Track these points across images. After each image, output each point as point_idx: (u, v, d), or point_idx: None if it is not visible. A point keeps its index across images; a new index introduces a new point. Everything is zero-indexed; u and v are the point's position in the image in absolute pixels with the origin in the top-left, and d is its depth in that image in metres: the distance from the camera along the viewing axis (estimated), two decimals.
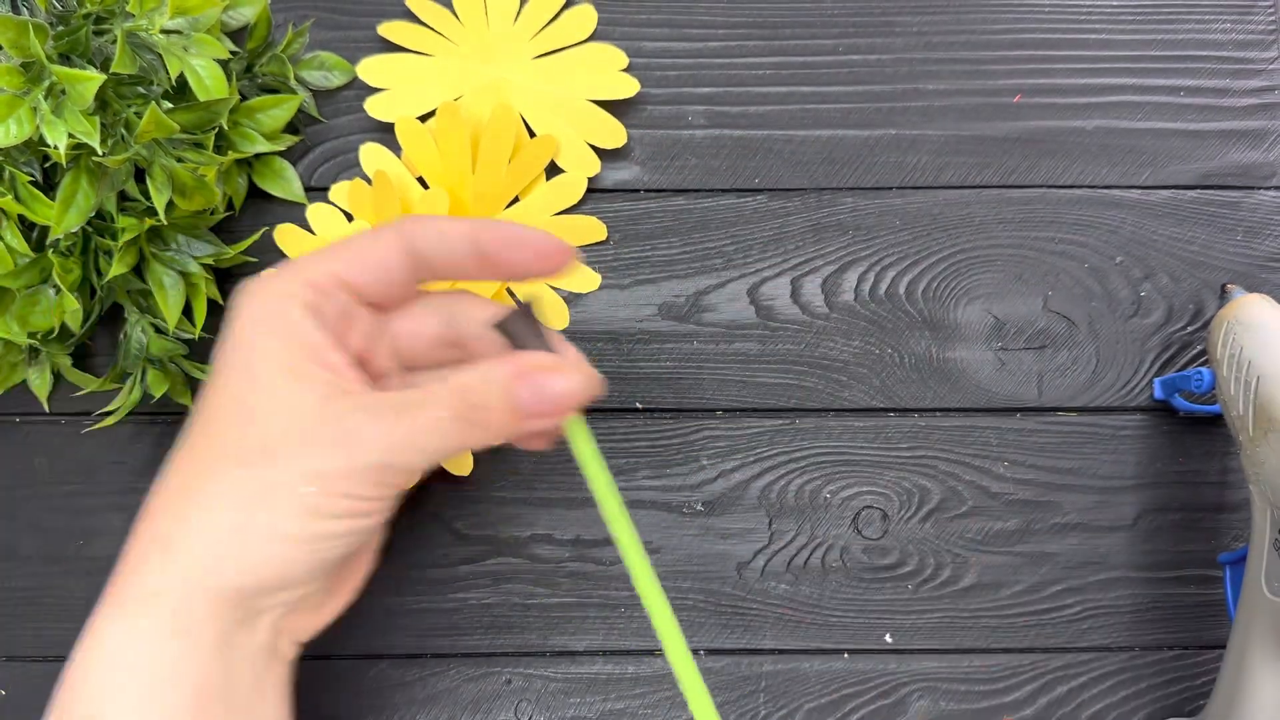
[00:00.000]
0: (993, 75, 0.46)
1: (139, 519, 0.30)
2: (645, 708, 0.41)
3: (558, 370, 0.30)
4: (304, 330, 0.29)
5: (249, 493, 0.28)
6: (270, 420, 0.28)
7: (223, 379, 0.30)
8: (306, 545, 0.29)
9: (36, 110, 0.35)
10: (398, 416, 0.29)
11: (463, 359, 0.33)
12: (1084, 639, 0.42)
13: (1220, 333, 0.39)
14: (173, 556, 0.28)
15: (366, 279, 0.31)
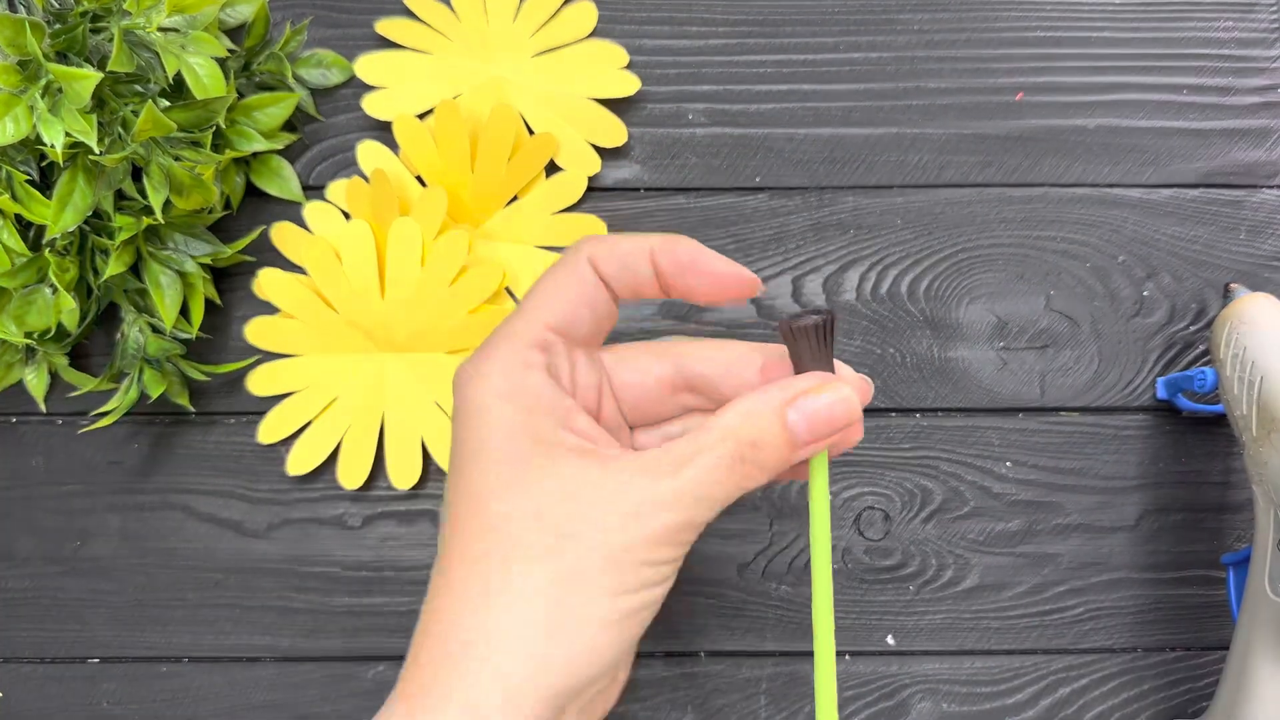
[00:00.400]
0: (995, 73, 0.46)
1: (426, 620, 0.28)
2: (645, 711, 0.41)
3: (827, 388, 0.28)
4: (550, 399, 0.28)
5: (555, 586, 0.26)
6: (555, 506, 0.27)
7: (479, 469, 0.27)
8: (617, 627, 0.27)
9: (33, 109, 0.35)
10: (677, 472, 0.27)
11: (697, 405, 0.32)
12: (1087, 640, 0.42)
13: (1223, 332, 0.39)
14: (487, 665, 0.26)
15: (578, 319, 0.29)
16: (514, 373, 0.28)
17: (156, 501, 0.43)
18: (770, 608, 0.42)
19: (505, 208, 0.44)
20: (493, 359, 0.28)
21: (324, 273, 0.42)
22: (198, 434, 0.43)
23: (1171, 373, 0.43)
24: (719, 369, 0.30)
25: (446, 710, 0.26)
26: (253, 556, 0.42)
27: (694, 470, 0.27)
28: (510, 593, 0.26)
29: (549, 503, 0.27)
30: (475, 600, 0.27)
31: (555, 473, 0.27)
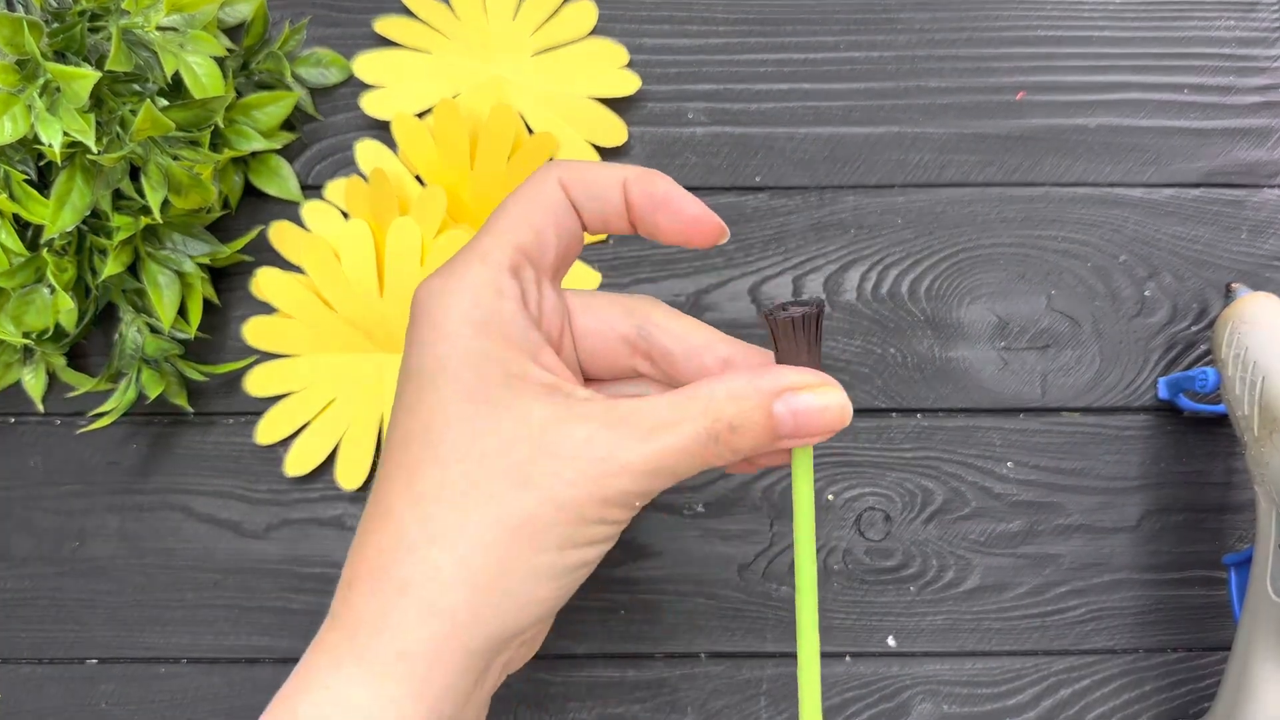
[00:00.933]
0: (995, 72, 0.46)
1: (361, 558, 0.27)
2: (645, 712, 0.41)
3: (823, 388, 0.27)
4: (521, 330, 0.26)
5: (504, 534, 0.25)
6: (513, 446, 0.25)
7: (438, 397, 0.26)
8: (558, 581, 0.26)
9: (31, 108, 0.35)
10: (649, 437, 0.26)
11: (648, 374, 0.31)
12: (1088, 641, 0.42)
13: (1225, 332, 0.38)
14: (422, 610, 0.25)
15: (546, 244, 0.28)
16: (485, 298, 0.26)
17: (155, 502, 0.43)
18: (770, 608, 0.42)
19: None
20: (464, 279, 0.26)
21: (323, 272, 0.42)
22: (196, 434, 0.43)
23: (1173, 373, 0.43)
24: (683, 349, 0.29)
25: (375, 651, 0.25)
26: (251, 557, 0.42)
27: (668, 439, 0.26)
28: (455, 536, 0.25)
29: (510, 443, 0.25)
30: (417, 539, 0.25)
31: (520, 411, 0.26)
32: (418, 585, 0.25)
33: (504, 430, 0.25)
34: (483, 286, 0.26)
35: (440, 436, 0.26)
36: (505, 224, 0.27)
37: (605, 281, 0.44)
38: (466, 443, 0.26)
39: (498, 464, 0.25)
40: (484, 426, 0.25)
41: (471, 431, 0.25)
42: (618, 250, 0.44)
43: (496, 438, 0.25)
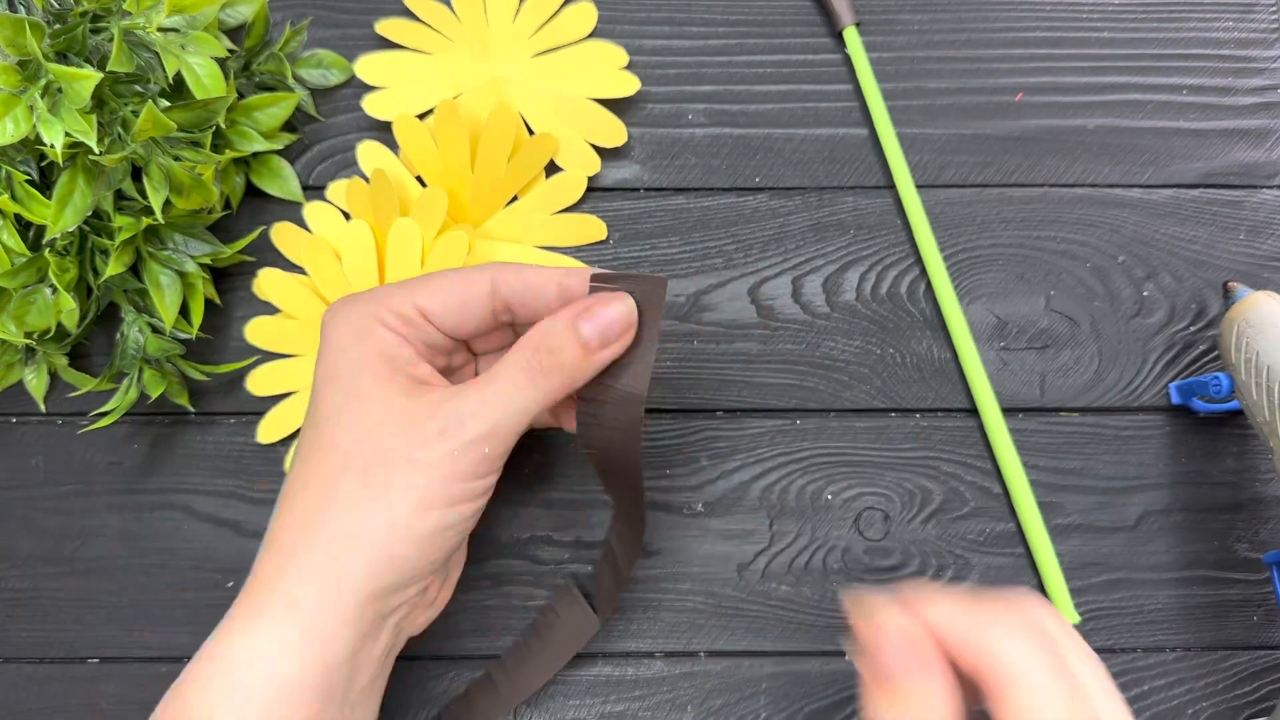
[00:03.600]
0: (994, 74, 0.46)
1: (268, 534, 0.31)
2: (645, 710, 0.41)
3: (612, 300, 0.32)
4: (392, 346, 0.32)
5: (369, 499, 0.30)
6: (376, 429, 0.30)
7: (325, 395, 0.32)
8: (428, 539, 0.31)
9: (33, 109, 0.35)
10: (485, 386, 0.31)
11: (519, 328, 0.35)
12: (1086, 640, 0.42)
13: (1231, 336, 0.38)
14: (307, 569, 0.30)
15: (449, 316, 0.33)
16: (367, 322, 0.32)
17: (156, 502, 0.43)
18: (770, 608, 0.42)
19: (505, 208, 0.44)
20: (358, 308, 0.32)
21: (324, 273, 0.42)
22: (197, 434, 0.43)
23: (1172, 372, 0.43)
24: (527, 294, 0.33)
25: (271, 604, 0.30)
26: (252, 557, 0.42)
27: (499, 382, 0.31)
28: (332, 507, 0.30)
29: (372, 426, 0.30)
30: (303, 516, 0.31)
31: (384, 403, 0.31)
32: (303, 551, 0.30)
33: (372, 419, 0.31)
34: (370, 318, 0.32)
35: (324, 428, 0.31)
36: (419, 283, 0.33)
37: None
38: (342, 431, 0.31)
39: (365, 445, 0.30)
40: (356, 418, 0.31)
41: (346, 422, 0.31)
42: (617, 251, 0.44)
43: (364, 426, 0.31)
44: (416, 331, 0.32)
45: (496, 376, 0.31)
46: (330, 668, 0.30)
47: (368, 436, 0.30)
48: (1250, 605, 0.42)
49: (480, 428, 0.31)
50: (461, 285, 0.33)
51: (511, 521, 0.42)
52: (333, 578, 0.30)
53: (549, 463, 0.43)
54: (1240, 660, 0.41)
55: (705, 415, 0.43)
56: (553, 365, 0.31)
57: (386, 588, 0.30)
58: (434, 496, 0.30)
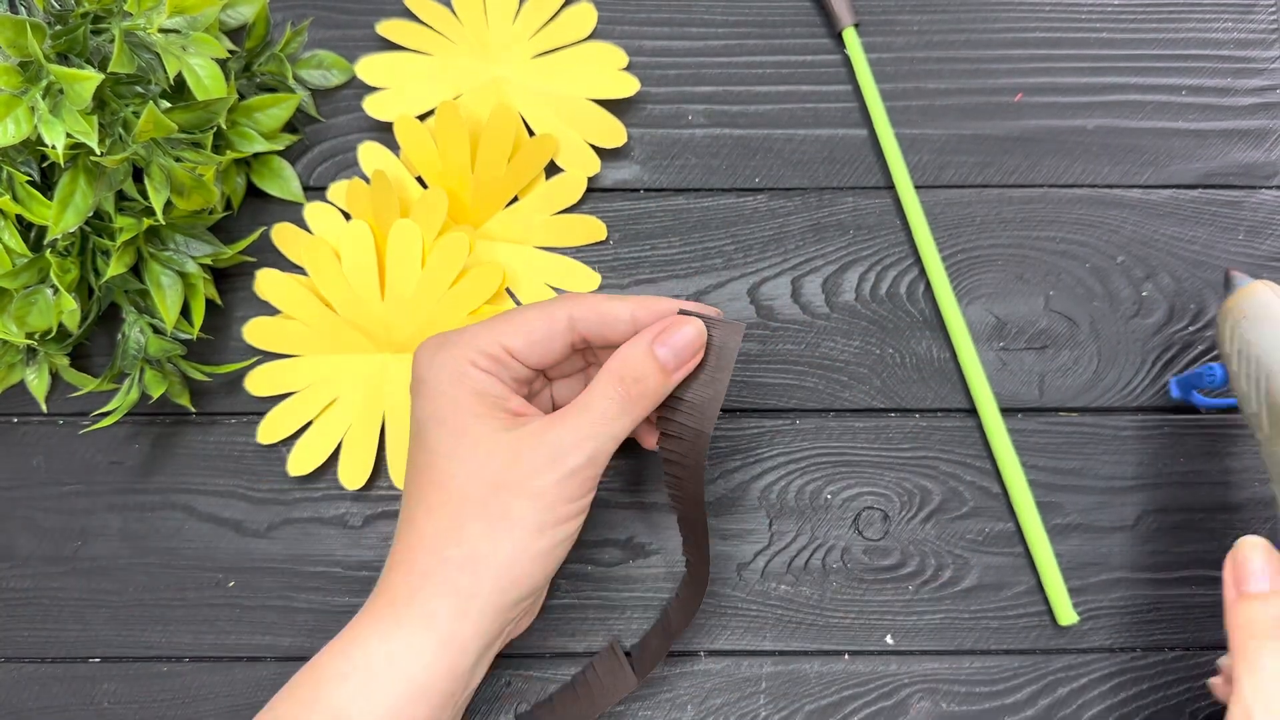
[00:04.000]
0: (994, 74, 0.46)
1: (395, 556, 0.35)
2: (645, 709, 0.41)
3: (679, 324, 0.35)
4: (485, 385, 0.35)
5: (492, 525, 0.33)
6: (488, 462, 0.34)
7: (434, 435, 0.35)
8: (545, 555, 0.34)
9: (34, 110, 0.35)
10: (580, 416, 0.34)
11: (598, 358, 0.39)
12: (1085, 640, 0.42)
13: (1226, 326, 0.38)
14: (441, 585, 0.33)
15: (532, 352, 0.35)
16: (462, 366, 0.35)
17: (157, 501, 0.43)
18: (769, 607, 0.42)
19: (505, 208, 0.44)
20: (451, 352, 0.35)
21: (324, 273, 0.43)
22: (198, 434, 0.43)
23: (1171, 372, 0.43)
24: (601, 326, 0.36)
25: (410, 617, 0.33)
26: (254, 556, 0.43)
27: (593, 412, 0.34)
28: (459, 533, 0.34)
29: (484, 459, 0.34)
30: (432, 541, 0.34)
31: (490, 438, 0.34)
32: (436, 571, 0.34)
33: (482, 453, 0.34)
34: (463, 361, 0.35)
35: (440, 466, 0.34)
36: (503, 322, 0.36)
37: (605, 282, 0.44)
38: (458, 465, 0.34)
39: (480, 478, 0.34)
40: (468, 453, 0.34)
41: (461, 457, 0.34)
42: (617, 251, 0.44)
43: (477, 460, 0.34)
44: (504, 368, 0.35)
45: (590, 407, 0.34)
46: (456, 675, 0.33)
47: (481, 469, 0.34)
48: None
49: (583, 456, 0.34)
50: (543, 322, 0.35)
51: None
52: (467, 595, 0.33)
53: None
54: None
55: None
56: (639, 393, 0.34)
57: (512, 601, 0.34)
58: (547, 518, 0.34)
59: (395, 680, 0.33)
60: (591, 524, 0.42)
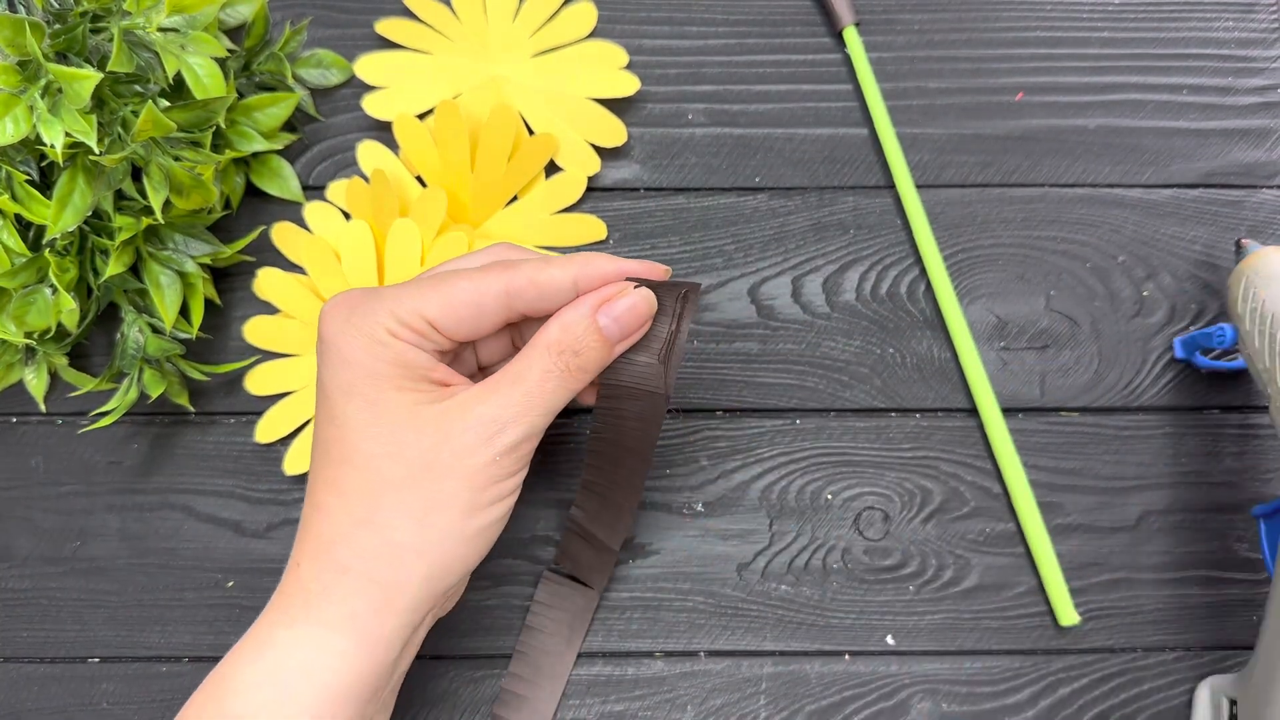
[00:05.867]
0: (995, 74, 0.46)
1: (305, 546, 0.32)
2: (645, 710, 0.41)
3: (625, 292, 0.32)
4: (407, 354, 0.31)
5: (416, 510, 0.31)
6: (412, 441, 0.31)
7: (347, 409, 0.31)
8: (474, 539, 0.32)
9: (33, 109, 0.35)
10: (514, 388, 0.31)
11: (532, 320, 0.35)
12: (1086, 640, 0.42)
13: (1239, 287, 0.39)
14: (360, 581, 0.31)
15: (460, 327, 0.32)
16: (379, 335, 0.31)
17: (156, 501, 0.43)
18: (770, 608, 0.42)
19: (505, 208, 0.44)
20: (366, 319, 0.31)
21: (323, 273, 0.42)
22: (197, 434, 0.43)
23: (1174, 373, 0.43)
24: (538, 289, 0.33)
25: (327, 614, 0.31)
26: (252, 556, 0.42)
27: (528, 384, 0.31)
28: (378, 521, 0.31)
29: (406, 439, 0.31)
30: (347, 529, 0.31)
31: (412, 413, 0.31)
32: (354, 562, 0.31)
33: (404, 432, 0.31)
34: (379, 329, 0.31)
35: (354, 445, 0.31)
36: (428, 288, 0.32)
37: None
38: (373, 444, 0.31)
39: (402, 458, 0.31)
40: (387, 432, 0.31)
41: (377, 436, 0.31)
42: (617, 251, 0.44)
43: (397, 439, 0.31)
44: (426, 340, 0.32)
45: (524, 378, 0.31)
46: (380, 672, 0.31)
47: (404, 449, 0.31)
48: (1250, 605, 0.42)
49: (518, 433, 0.31)
50: (471, 294, 0.32)
51: (512, 522, 0.42)
52: (390, 588, 0.31)
53: (550, 463, 0.43)
54: (1240, 660, 0.41)
55: (705, 415, 0.43)
56: (579, 366, 0.32)
57: (439, 590, 0.32)
58: (479, 499, 0.31)
59: (312, 688, 0.30)
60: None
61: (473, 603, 0.42)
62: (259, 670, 0.30)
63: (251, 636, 0.31)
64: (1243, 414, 0.43)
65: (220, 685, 0.31)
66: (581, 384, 0.32)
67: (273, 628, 0.31)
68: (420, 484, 0.31)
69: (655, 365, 0.33)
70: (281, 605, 0.31)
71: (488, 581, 0.42)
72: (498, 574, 0.42)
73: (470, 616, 0.42)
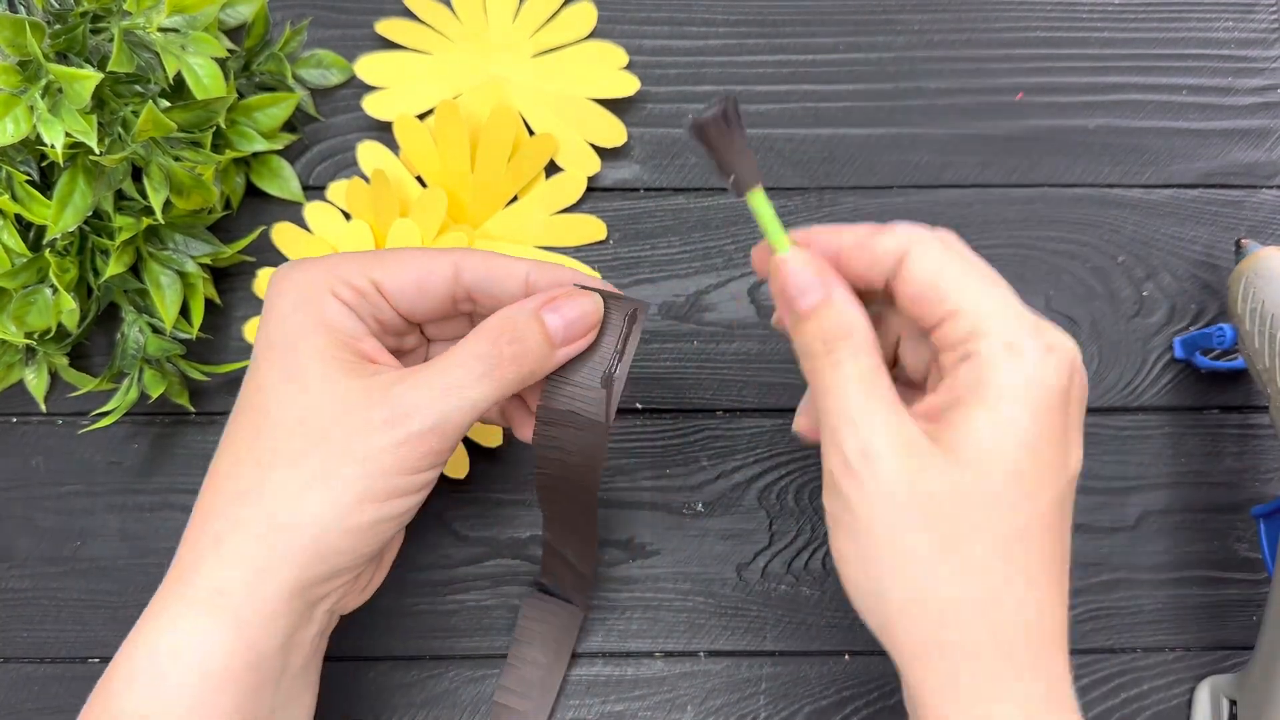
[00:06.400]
0: (995, 74, 0.46)
1: (195, 511, 0.30)
2: (645, 710, 0.41)
3: (575, 295, 0.30)
4: (339, 317, 0.30)
5: (304, 488, 0.28)
6: (317, 411, 0.29)
7: (263, 366, 0.30)
8: (363, 532, 0.29)
9: (33, 109, 0.35)
10: (437, 373, 0.29)
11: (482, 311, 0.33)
12: (1086, 641, 0.42)
13: (1239, 287, 0.39)
14: (233, 555, 0.28)
15: (405, 294, 0.31)
16: (317, 291, 0.30)
17: (156, 502, 0.43)
18: (769, 608, 0.42)
19: (505, 208, 0.44)
20: (307, 273, 0.30)
21: None
22: (197, 434, 0.43)
23: (1174, 373, 0.43)
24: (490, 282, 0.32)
25: (194, 591, 0.28)
26: None
27: (453, 371, 0.29)
28: (263, 492, 0.28)
29: (311, 407, 0.28)
30: (231, 498, 0.29)
31: (324, 381, 0.29)
32: (227, 535, 0.29)
33: (311, 399, 0.29)
34: (319, 285, 0.30)
35: (260, 407, 0.29)
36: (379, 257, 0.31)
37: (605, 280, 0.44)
38: (278, 408, 0.29)
39: (303, 428, 0.28)
40: (294, 396, 0.29)
41: (283, 399, 0.29)
42: (617, 251, 0.44)
43: (303, 406, 0.29)
44: (369, 305, 0.30)
45: (450, 364, 0.29)
46: (262, 658, 0.29)
47: (307, 418, 0.29)
48: (1250, 605, 0.42)
49: (428, 420, 0.29)
50: (423, 262, 0.31)
51: (511, 521, 0.42)
52: (262, 568, 0.28)
53: None
54: (1240, 660, 0.41)
55: (705, 415, 0.43)
56: (513, 356, 0.29)
57: (317, 578, 0.29)
58: (373, 490, 0.29)
59: (186, 675, 0.28)
60: None
61: (472, 603, 0.42)
62: (134, 661, 0.28)
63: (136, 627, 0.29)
64: (1243, 414, 0.43)
65: (105, 682, 0.29)
66: (513, 379, 0.30)
67: (149, 614, 0.29)
68: (312, 460, 0.28)
69: (597, 389, 0.31)
70: (161, 590, 0.29)
71: (488, 581, 0.42)
72: (497, 574, 0.42)
73: (470, 616, 0.42)
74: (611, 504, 0.43)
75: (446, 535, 0.42)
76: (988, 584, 0.26)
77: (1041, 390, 0.26)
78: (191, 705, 0.28)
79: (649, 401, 0.43)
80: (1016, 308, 0.28)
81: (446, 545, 0.42)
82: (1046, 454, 0.26)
